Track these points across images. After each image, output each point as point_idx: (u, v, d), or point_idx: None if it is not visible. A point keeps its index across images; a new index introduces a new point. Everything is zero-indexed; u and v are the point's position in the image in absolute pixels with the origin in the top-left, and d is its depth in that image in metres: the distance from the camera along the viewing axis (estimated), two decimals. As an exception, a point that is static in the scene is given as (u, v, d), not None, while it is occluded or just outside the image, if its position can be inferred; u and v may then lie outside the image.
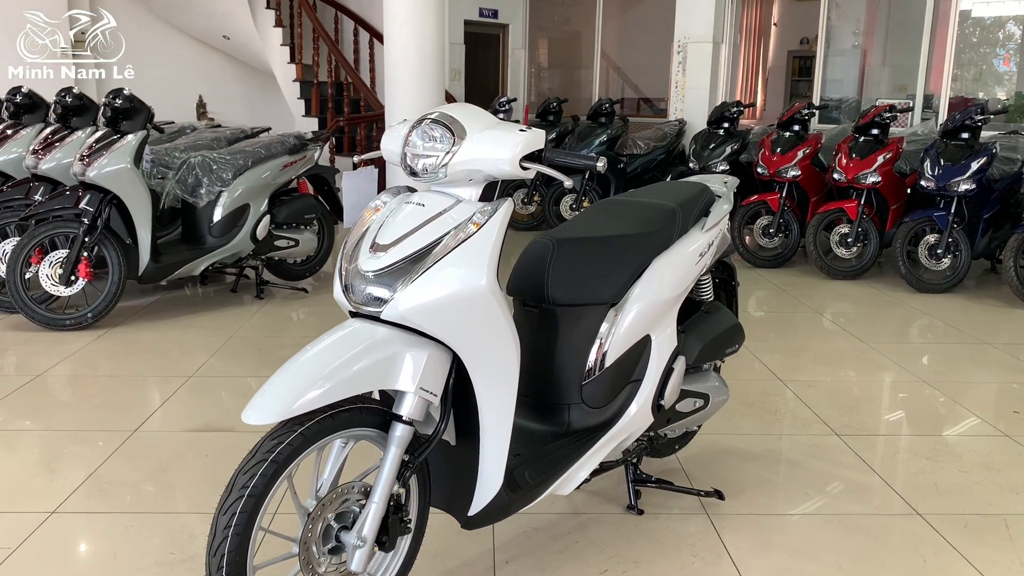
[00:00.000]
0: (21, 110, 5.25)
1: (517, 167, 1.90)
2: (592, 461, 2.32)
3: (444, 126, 1.92)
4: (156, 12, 9.84)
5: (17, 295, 4.38)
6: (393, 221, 1.94)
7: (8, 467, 2.95)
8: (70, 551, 2.40)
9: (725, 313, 2.77)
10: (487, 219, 1.90)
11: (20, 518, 2.56)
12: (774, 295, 5.74)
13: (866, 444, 3.22)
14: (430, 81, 5.50)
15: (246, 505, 1.72)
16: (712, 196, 2.72)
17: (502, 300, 1.92)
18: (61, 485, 2.78)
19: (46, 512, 2.60)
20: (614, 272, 2.36)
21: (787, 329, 4.92)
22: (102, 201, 4.46)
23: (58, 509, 2.62)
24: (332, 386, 1.77)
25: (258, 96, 10.60)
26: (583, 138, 7.72)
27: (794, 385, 3.86)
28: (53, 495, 2.71)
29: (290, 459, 1.78)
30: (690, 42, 8.63)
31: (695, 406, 2.65)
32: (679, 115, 8.71)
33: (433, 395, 1.90)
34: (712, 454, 3.12)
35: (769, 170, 6.44)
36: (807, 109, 6.61)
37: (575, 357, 2.35)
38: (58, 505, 2.64)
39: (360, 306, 1.90)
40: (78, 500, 2.68)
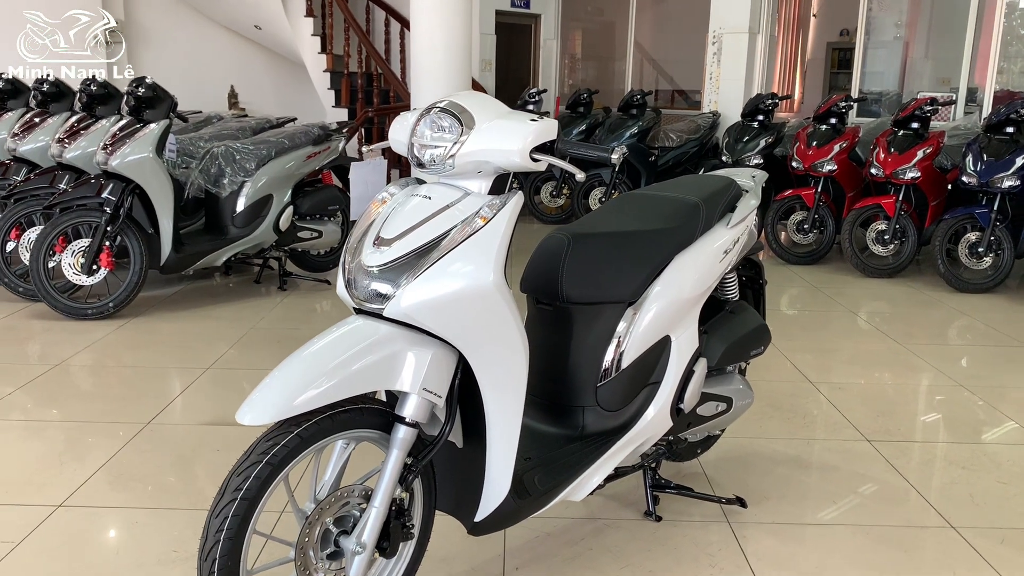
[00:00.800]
0: (48, 99, 5.26)
1: (527, 159, 1.81)
2: (607, 466, 2.23)
3: (453, 115, 1.84)
4: (188, 2, 9.87)
5: (40, 283, 4.37)
6: (398, 214, 1.86)
7: (20, 457, 2.92)
8: (73, 546, 2.36)
9: (750, 313, 2.65)
10: (495, 213, 1.81)
11: (27, 510, 2.53)
12: (807, 293, 5.59)
13: (898, 451, 3.09)
14: (457, 72, 5.41)
15: (239, 508, 1.65)
16: (739, 191, 2.61)
17: (510, 298, 1.83)
18: (70, 477, 2.75)
19: (53, 505, 2.56)
20: (632, 269, 2.26)
21: (819, 328, 4.77)
22: (124, 190, 4.44)
23: (65, 502, 2.58)
24: (330, 386, 1.69)
25: (289, 86, 10.59)
26: (613, 130, 7.59)
27: (825, 387, 3.73)
28: (62, 487, 2.68)
29: (286, 461, 1.71)
30: (726, 32, 8.46)
31: (717, 410, 2.54)
32: (713, 107, 8.55)
33: (437, 396, 1.81)
34: (736, 458, 3.01)
35: (804, 164, 6.27)
36: (844, 102, 6.42)
37: (590, 358, 2.25)
38: (66, 498, 2.60)
39: (362, 302, 1.82)
40: (86, 493, 2.64)
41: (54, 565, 2.27)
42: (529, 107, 8.23)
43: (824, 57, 13.73)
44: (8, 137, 5.22)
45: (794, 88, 13.89)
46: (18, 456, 2.94)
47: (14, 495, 2.64)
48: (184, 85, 9.64)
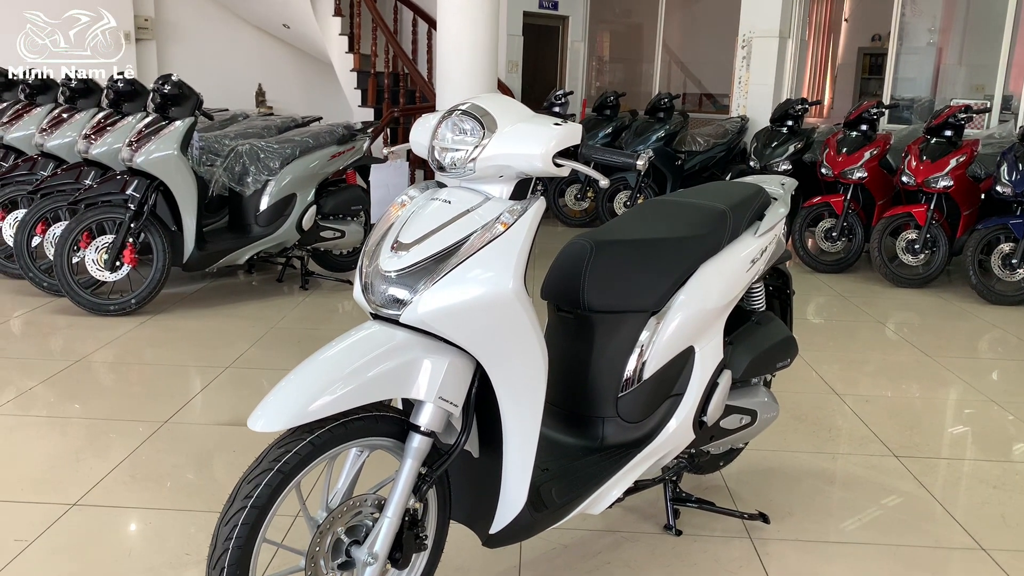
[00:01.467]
0: (76, 95, 5.28)
1: (550, 164, 1.77)
2: (626, 479, 2.18)
3: (474, 118, 1.80)
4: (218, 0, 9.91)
5: (63, 279, 4.39)
6: (417, 218, 1.82)
7: (36, 455, 2.92)
8: (85, 546, 2.34)
9: (777, 324, 2.59)
10: (516, 219, 1.77)
11: (42, 508, 2.52)
12: (835, 302, 5.49)
13: (927, 467, 3.01)
14: (482, 73, 5.38)
15: (248, 516, 1.62)
16: (768, 198, 2.55)
17: (529, 306, 1.79)
18: (86, 476, 2.74)
19: (67, 504, 2.55)
20: (656, 278, 2.20)
21: (847, 339, 4.68)
22: (148, 187, 4.45)
23: (80, 501, 2.57)
24: (344, 393, 1.66)
25: (317, 85, 10.61)
26: (640, 133, 7.52)
27: (851, 400, 3.65)
28: (77, 486, 2.67)
29: (298, 469, 1.67)
30: (755, 36, 8.36)
31: (741, 423, 2.48)
32: (742, 112, 8.45)
33: (453, 405, 1.77)
34: (759, 472, 2.94)
35: (834, 171, 6.17)
36: (876, 108, 6.31)
37: (611, 367, 2.20)
38: (80, 497, 2.59)
39: (379, 308, 1.78)
40: (100, 492, 2.63)
41: (66, 565, 2.25)
42: (555, 109, 8.18)
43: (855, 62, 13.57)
44: (36, 133, 5.24)
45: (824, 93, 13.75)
46: (35, 452, 2.93)
47: (29, 492, 2.63)
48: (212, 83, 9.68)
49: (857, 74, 13.48)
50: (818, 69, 13.71)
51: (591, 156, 1.84)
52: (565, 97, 8.20)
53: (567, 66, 10.32)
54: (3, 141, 5.55)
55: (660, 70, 10.57)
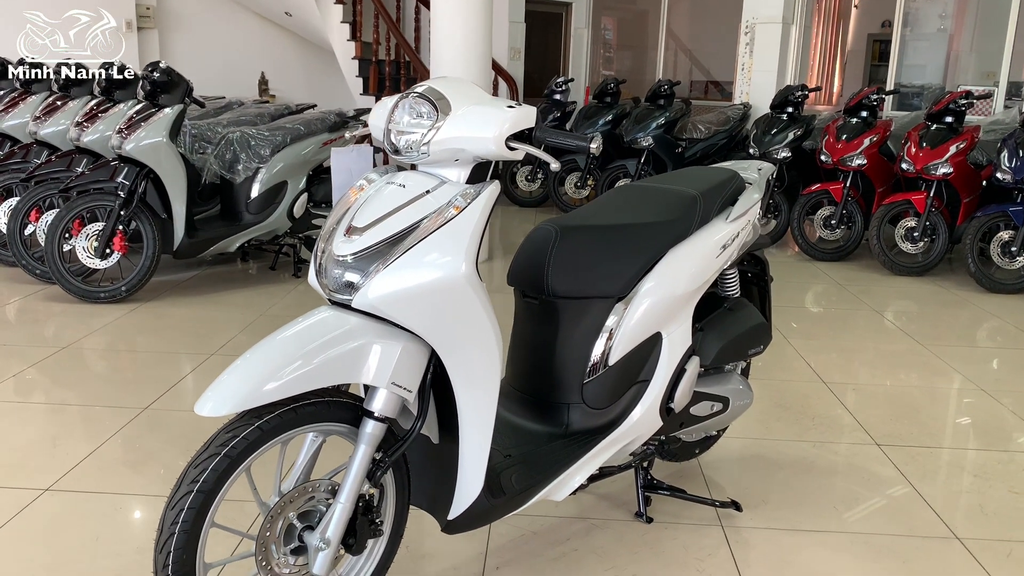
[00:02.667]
0: (70, 83, 5.29)
1: (503, 147, 1.75)
2: (590, 466, 2.16)
3: (429, 101, 1.78)
4: (221, -12, 9.92)
5: (54, 266, 4.40)
6: (371, 202, 1.80)
7: (15, 440, 2.93)
8: (54, 531, 2.35)
9: (750, 311, 2.56)
10: (469, 203, 1.75)
11: (14, 493, 2.53)
12: (831, 290, 5.45)
13: (908, 456, 2.98)
14: (476, 59, 5.33)
15: (194, 501, 1.61)
16: (742, 184, 2.52)
17: (482, 291, 1.77)
18: (62, 461, 2.75)
19: (40, 489, 2.56)
20: (622, 264, 2.18)
21: (840, 328, 4.64)
22: (138, 175, 4.45)
23: (52, 487, 2.58)
24: (292, 378, 1.64)
25: (320, 74, 10.60)
26: (640, 120, 7.46)
27: (838, 388, 3.61)
28: (51, 471, 2.67)
29: (246, 454, 1.66)
30: (758, 22, 8.27)
31: (712, 410, 2.46)
32: (745, 99, 8.38)
33: (407, 391, 1.76)
34: (737, 460, 2.92)
35: (833, 158, 6.11)
36: (876, 94, 6.23)
37: (577, 353, 2.18)
38: (53, 483, 2.60)
39: (332, 293, 1.77)
40: (74, 478, 2.64)
41: (32, 550, 2.26)
42: (556, 96, 8.15)
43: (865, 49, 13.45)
44: (30, 121, 5.26)
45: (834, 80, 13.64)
46: (13, 438, 2.94)
47: (4, 478, 2.64)
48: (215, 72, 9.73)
49: (866, 61, 13.36)
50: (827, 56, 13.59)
51: (545, 139, 1.81)
52: (566, 84, 8.16)
53: (571, 53, 10.26)
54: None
55: (664, 57, 10.49)
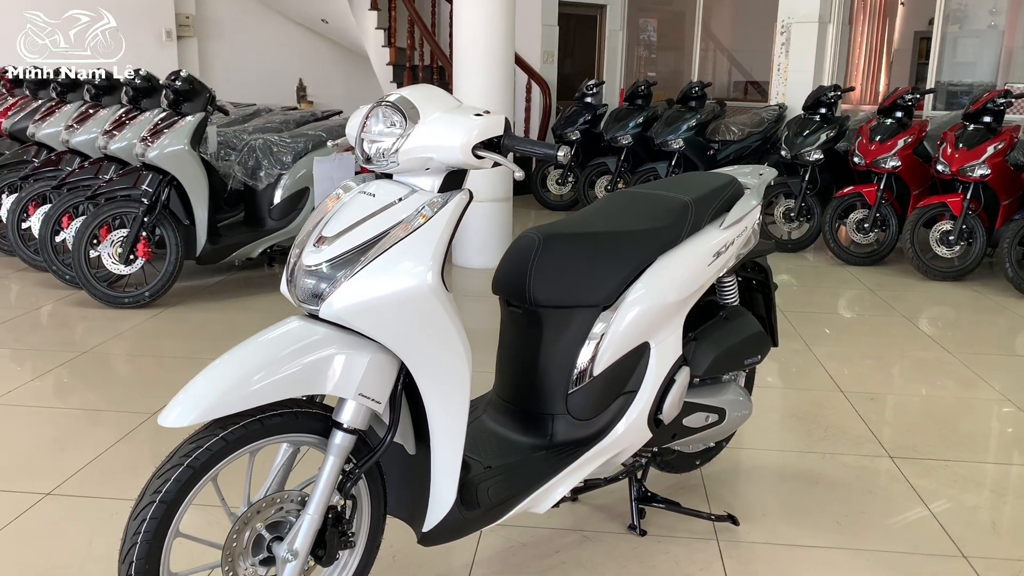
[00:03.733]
0: (101, 92, 5.40)
1: (470, 155, 1.73)
2: (573, 478, 2.12)
3: (399, 110, 1.77)
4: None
5: (80, 271, 4.49)
6: (342, 212, 1.80)
7: (23, 443, 2.99)
8: (49, 535, 2.39)
9: (747, 320, 2.50)
10: (436, 212, 1.73)
11: (15, 497, 2.58)
12: (862, 296, 5.31)
13: (922, 470, 2.88)
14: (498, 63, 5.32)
15: (156, 511, 1.62)
16: (740, 190, 2.46)
17: (448, 301, 1.75)
18: (66, 465, 2.79)
19: (41, 493, 2.60)
20: (606, 272, 2.14)
21: (866, 334, 4.52)
22: (161, 182, 4.52)
23: (54, 491, 2.62)
24: (256, 389, 1.64)
25: (357, 80, 10.69)
26: (670, 123, 7.38)
27: (855, 398, 3.51)
28: (54, 475, 2.72)
29: (210, 464, 1.67)
30: (794, 22, 8.12)
31: (707, 421, 2.40)
32: (780, 100, 8.23)
33: (376, 402, 1.75)
34: (742, 471, 2.86)
35: (866, 160, 5.97)
36: (911, 94, 6.07)
37: (561, 363, 2.15)
38: (54, 487, 2.64)
39: (301, 303, 1.77)
40: (75, 483, 2.68)
41: (26, 554, 2.30)
42: (587, 99, 8.10)
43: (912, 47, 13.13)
44: (63, 129, 5.38)
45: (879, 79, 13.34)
46: (23, 441, 3.01)
47: (8, 481, 2.69)
48: (254, 79, 9.88)
49: (913, 59, 13.04)
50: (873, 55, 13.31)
51: (514, 147, 1.79)
52: (596, 87, 8.11)
53: (605, 56, 10.19)
54: (35, 138, 5.70)
55: (699, 58, 10.36)
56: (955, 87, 10.23)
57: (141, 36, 8.76)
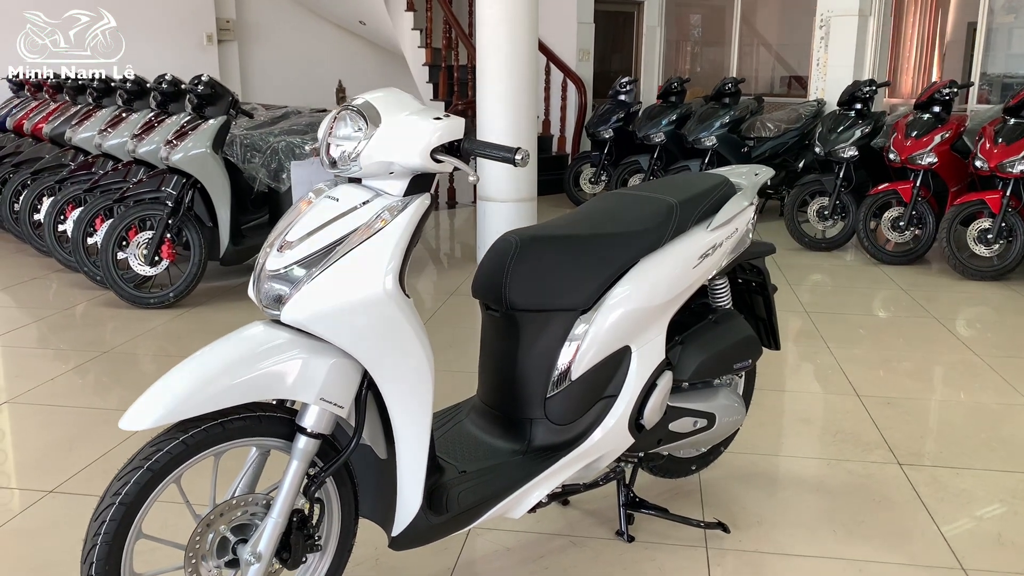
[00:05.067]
0: (133, 97, 5.52)
1: (428, 159, 1.72)
2: (548, 483, 2.10)
3: (361, 114, 1.77)
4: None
5: (108, 272, 4.60)
6: (307, 216, 1.81)
7: (35, 441, 3.07)
8: (46, 533, 2.44)
9: (737, 323, 2.44)
10: (395, 216, 1.73)
11: (20, 494, 2.65)
12: (895, 296, 5.17)
13: (930, 477, 2.79)
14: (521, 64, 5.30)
15: (116, 513, 1.64)
16: (731, 190, 2.41)
17: (407, 307, 1.75)
18: (72, 464, 2.86)
19: (45, 491, 2.67)
20: (584, 275, 2.12)
21: (892, 336, 4.40)
22: (185, 185, 4.61)
23: (56, 489, 2.69)
24: (215, 393, 1.66)
25: (396, 81, 10.76)
26: (704, 120, 7.28)
27: (872, 402, 3.42)
28: (60, 474, 2.79)
29: (170, 467, 1.69)
30: (834, 15, 7.95)
31: (695, 426, 2.35)
32: (820, 95, 8.06)
33: (338, 407, 1.75)
34: (741, 477, 2.80)
35: (901, 156, 5.80)
36: (949, 87, 5.88)
37: (538, 367, 2.13)
38: (58, 485, 2.71)
39: (264, 307, 1.78)
40: (79, 481, 2.74)
41: (24, 551, 2.36)
42: (620, 97, 8.03)
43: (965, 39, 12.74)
44: (96, 134, 5.52)
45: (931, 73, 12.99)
46: (33, 439, 3.09)
47: (17, 478, 2.77)
48: (293, 81, 10.02)
49: (966, 51, 12.64)
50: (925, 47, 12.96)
51: (474, 151, 1.77)
52: (630, 84, 8.04)
53: (643, 52, 10.09)
54: (72, 142, 5.86)
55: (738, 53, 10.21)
56: (1011, 79, 9.90)
57: (182, 41, 8.94)
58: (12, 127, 6.99)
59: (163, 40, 8.74)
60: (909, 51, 13.13)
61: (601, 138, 7.94)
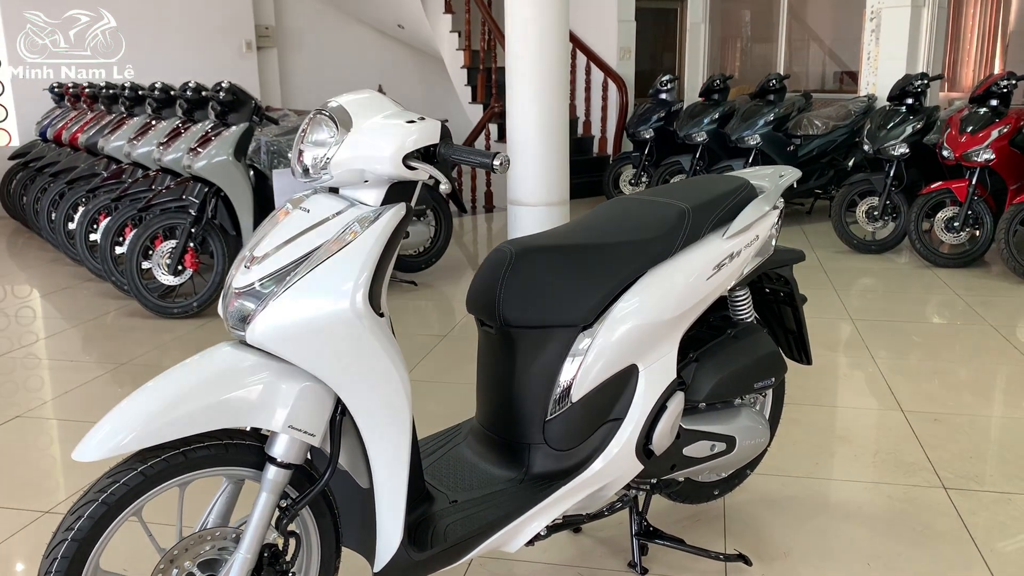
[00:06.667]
0: (161, 105, 5.50)
1: (400, 166, 1.58)
2: (547, 514, 1.94)
3: (331, 118, 1.64)
4: (335, 3, 10.15)
5: (132, 282, 4.57)
6: (277, 229, 1.68)
7: (38, 459, 3.01)
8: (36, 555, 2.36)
9: (758, 338, 2.25)
10: (365, 228, 1.59)
11: (15, 514, 2.58)
12: (948, 302, 4.88)
13: (979, 504, 2.55)
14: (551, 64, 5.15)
15: (68, 550, 1.54)
16: (752, 194, 2.22)
17: (378, 327, 1.60)
18: (72, 483, 2.79)
19: (40, 511, 2.60)
20: (585, 289, 1.95)
21: (944, 346, 4.13)
22: (208, 193, 4.55)
23: (52, 509, 2.61)
24: (174, 420, 1.54)
25: (436, 84, 10.69)
26: (747, 118, 7.02)
27: (917, 418, 3.18)
28: (58, 492, 2.72)
29: (128, 500, 1.58)
30: (885, 7, 7.62)
31: (712, 451, 2.17)
32: (871, 90, 7.74)
33: (310, 435, 1.62)
34: (770, 501, 2.60)
35: (955, 153, 5.49)
36: (1006, 79, 5.56)
37: (536, 388, 1.97)
38: (54, 505, 2.64)
39: (231, 327, 1.66)
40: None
41: (14, 573, 2.28)
42: (661, 96, 7.82)
43: (1030, 29, 12.21)
44: (126, 143, 5.51)
45: (993, 65, 12.47)
46: (38, 458, 3.03)
47: (14, 498, 2.70)
48: (333, 86, 9.95)
49: (1032, 42, 12.11)
50: (987, 39, 12.45)
51: (451, 156, 1.63)
52: (671, 83, 7.82)
53: (686, 49, 9.84)
54: (104, 151, 5.87)
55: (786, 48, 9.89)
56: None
57: (221, 48, 8.97)
58: (53, 137, 7.06)
59: (202, 48, 8.77)
60: (970, 43, 12.63)
61: (641, 138, 7.74)
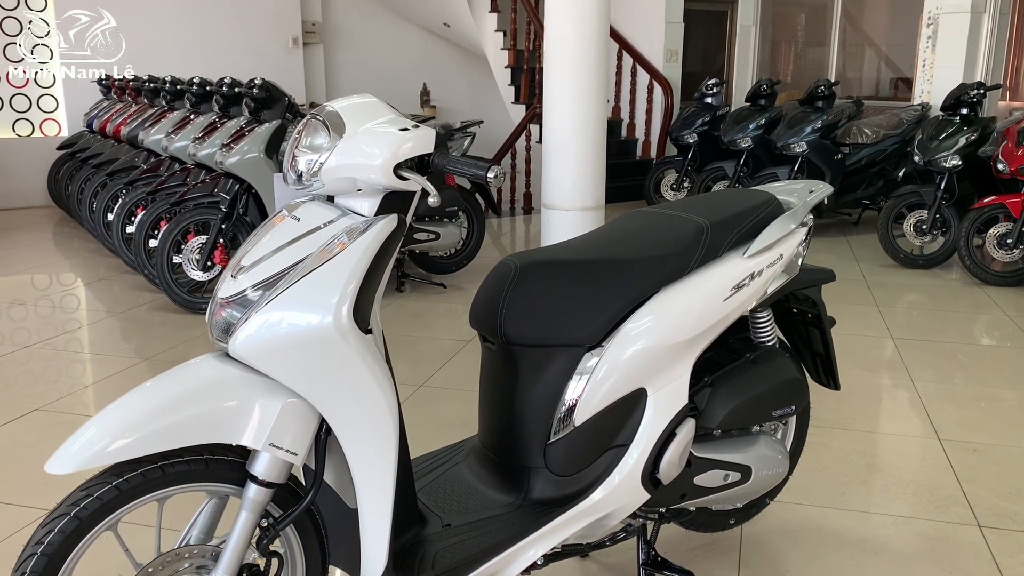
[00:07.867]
0: (199, 100, 5.52)
1: (391, 176, 1.51)
2: (545, 542, 1.85)
3: (324, 124, 1.57)
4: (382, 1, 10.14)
5: (163, 277, 4.58)
6: (266, 238, 1.62)
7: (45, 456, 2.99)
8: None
9: (780, 363, 2.13)
10: (354, 239, 1.52)
11: (19, 511, 2.57)
12: (998, 322, 4.67)
13: (1015, 545, 2.39)
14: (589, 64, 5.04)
15: (37, 565, 1.49)
16: (777, 210, 2.10)
17: (362, 343, 1.53)
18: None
19: (45, 509, 2.58)
20: (591, 307, 1.86)
21: (990, 370, 3.93)
22: (238, 189, 4.54)
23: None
24: (151, 434, 1.49)
25: (481, 83, 10.63)
26: (794, 124, 6.83)
27: (954, 448, 3.02)
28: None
29: (101, 514, 1.53)
30: (943, 13, 7.36)
31: (726, 480, 2.06)
32: (925, 98, 7.48)
33: (292, 454, 1.55)
34: (787, 532, 2.47)
35: (1011, 166, 5.26)
36: (1068, 91, 5.30)
37: (538, 410, 1.88)
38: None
39: (215, 339, 1.60)
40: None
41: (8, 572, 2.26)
42: (707, 100, 7.65)
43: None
44: (163, 137, 5.54)
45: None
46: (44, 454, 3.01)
47: (19, 495, 2.69)
48: (378, 84, 9.99)
49: (1100, 50, 11.64)
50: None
51: (445, 166, 1.54)
52: (717, 87, 7.65)
53: (736, 52, 9.64)
54: (144, 145, 5.91)
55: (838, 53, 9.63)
56: None
57: (268, 44, 9.02)
58: (98, 129, 7.15)
59: (249, 44, 8.83)
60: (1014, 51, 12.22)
61: (685, 143, 7.58)
